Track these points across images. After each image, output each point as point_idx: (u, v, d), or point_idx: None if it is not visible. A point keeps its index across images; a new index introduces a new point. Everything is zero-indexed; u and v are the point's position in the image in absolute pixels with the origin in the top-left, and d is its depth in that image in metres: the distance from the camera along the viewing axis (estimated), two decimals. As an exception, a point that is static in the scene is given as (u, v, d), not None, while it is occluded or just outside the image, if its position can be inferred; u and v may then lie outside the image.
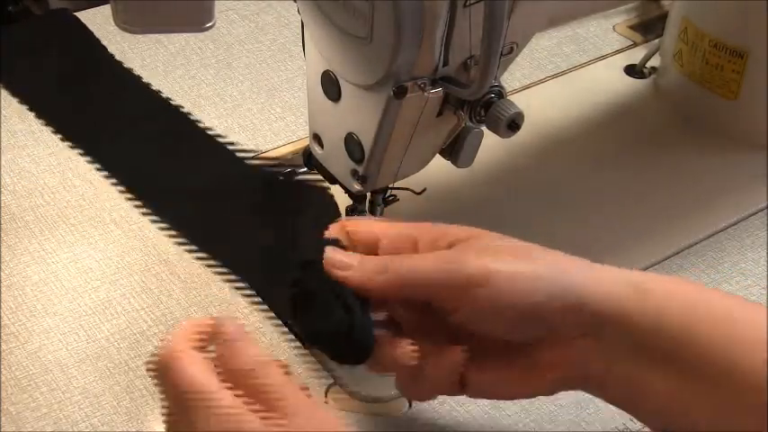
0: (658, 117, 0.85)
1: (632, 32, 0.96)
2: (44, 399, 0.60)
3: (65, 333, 0.64)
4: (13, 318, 0.65)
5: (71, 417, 0.59)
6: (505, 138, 0.59)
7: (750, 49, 0.77)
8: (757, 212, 0.76)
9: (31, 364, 0.62)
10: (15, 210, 0.73)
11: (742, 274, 0.71)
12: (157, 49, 0.90)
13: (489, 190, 0.76)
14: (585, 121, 0.84)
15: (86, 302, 0.66)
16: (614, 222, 0.74)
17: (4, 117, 0.81)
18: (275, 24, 0.94)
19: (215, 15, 0.56)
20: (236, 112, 0.83)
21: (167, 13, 0.55)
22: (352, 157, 0.62)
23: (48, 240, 0.71)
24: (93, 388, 0.61)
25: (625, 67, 0.91)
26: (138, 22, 0.55)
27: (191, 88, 0.86)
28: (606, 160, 0.80)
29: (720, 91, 0.80)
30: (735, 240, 0.74)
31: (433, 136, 0.62)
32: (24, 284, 0.67)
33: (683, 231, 0.74)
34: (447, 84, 0.57)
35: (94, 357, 0.63)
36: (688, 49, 0.81)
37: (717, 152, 0.81)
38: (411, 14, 0.53)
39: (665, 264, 0.72)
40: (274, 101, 0.85)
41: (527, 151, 0.80)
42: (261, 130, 0.82)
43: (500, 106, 0.58)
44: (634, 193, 0.77)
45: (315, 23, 0.60)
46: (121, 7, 0.54)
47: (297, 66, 0.88)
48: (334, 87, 0.62)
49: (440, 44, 0.56)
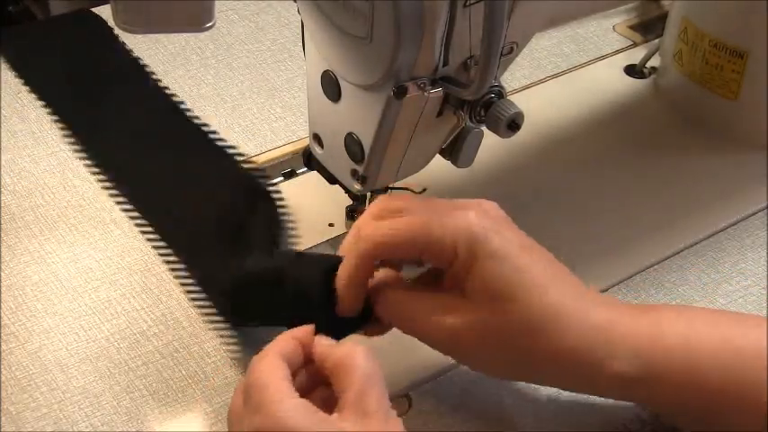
0: (658, 117, 0.85)
1: (632, 32, 0.96)
2: (44, 399, 0.60)
3: (65, 333, 0.64)
4: (13, 318, 0.65)
5: (71, 417, 0.59)
6: (505, 138, 0.59)
7: (750, 49, 0.77)
8: (757, 212, 0.76)
9: (31, 364, 0.62)
10: (15, 210, 0.73)
11: (742, 274, 0.71)
12: (157, 49, 0.90)
13: (489, 190, 0.76)
14: (585, 121, 0.84)
15: (86, 302, 0.66)
16: (614, 222, 0.74)
17: (4, 117, 0.81)
18: (275, 24, 0.94)
19: (215, 15, 0.56)
20: (236, 112, 0.83)
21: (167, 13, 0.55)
22: (352, 157, 0.62)
23: (48, 240, 0.71)
24: (93, 388, 0.61)
25: (625, 67, 0.91)
26: (138, 22, 0.55)
27: (191, 88, 0.86)
28: (606, 160, 0.80)
29: (720, 91, 0.80)
30: (735, 240, 0.74)
31: (433, 136, 0.62)
32: (24, 284, 0.67)
33: (683, 231, 0.74)
34: (447, 84, 0.57)
35: (94, 357, 0.63)
36: (688, 49, 0.81)
37: (717, 152, 0.81)
38: (411, 14, 0.53)
39: (665, 264, 0.72)
40: (274, 101, 0.85)
41: (527, 151, 0.80)
42: (261, 130, 0.82)
43: (500, 106, 0.58)
44: (634, 193, 0.77)
45: (315, 23, 0.60)
46: (121, 7, 0.54)
47: (297, 66, 0.88)
48: (334, 87, 0.62)
49: (440, 44, 0.56)
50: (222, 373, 0.62)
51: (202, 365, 0.62)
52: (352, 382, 0.50)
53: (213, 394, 0.61)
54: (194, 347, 0.63)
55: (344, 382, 0.50)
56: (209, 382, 0.61)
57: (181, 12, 0.55)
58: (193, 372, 0.62)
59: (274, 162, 0.78)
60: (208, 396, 0.61)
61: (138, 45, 0.89)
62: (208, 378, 0.62)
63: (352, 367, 0.51)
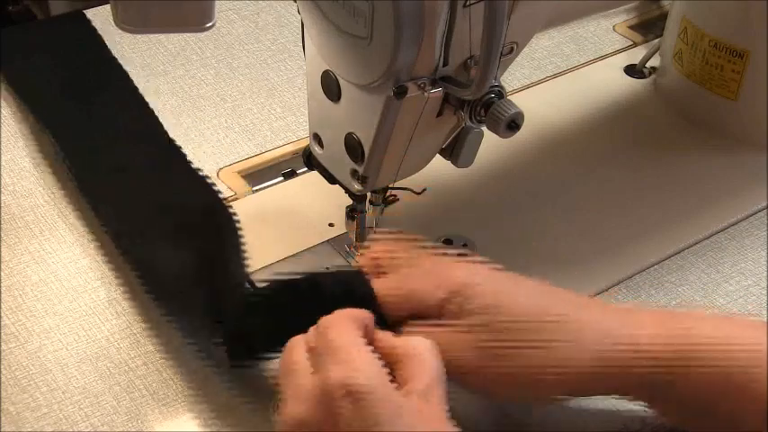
0: (658, 117, 0.85)
1: (632, 32, 0.96)
2: (44, 399, 0.60)
3: (65, 333, 0.64)
4: (13, 318, 0.65)
5: (71, 417, 0.59)
6: (505, 138, 0.59)
7: (750, 49, 0.77)
8: (757, 212, 0.76)
9: (31, 364, 0.62)
10: (15, 210, 0.73)
11: (742, 274, 0.71)
12: (157, 49, 0.90)
13: (489, 190, 0.76)
14: (585, 121, 0.84)
15: (86, 302, 0.66)
16: (614, 222, 0.74)
17: (4, 117, 0.81)
18: (275, 24, 0.94)
19: (215, 15, 0.56)
20: (236, 112, 0.83)
21: (167, 13, 0.55)
22: (352, 157, 0.62)
23: (48, 240, 0.70)
24: (93, 388, 0.61)
25: (625, 67, 0.91)
26: (138, 22, 0.55)
27: (191, 88, 0.86)
28: (606, 160, 0.80)
29: (720, 91, 0.80)
30: (735, 240, 0.74)
31: (433, 136, 0.62)
32: (24, 284, 0.67)
33: (683, 231, 0.74)
34: (447, 84, 0.57)
35: (94, 357, 0.63)
36: (688, 49, 0.81)
37: (717, 152, 0.81)
38: (411, 14, 0.53)
39: (666, 264, 0.72)
40: (274, 101, 0.85)
41: (527, 151, 0.80)
42: (261, 130, 0.82)
43: (500, 106, 0.58)
44: (634, 193, 0.77)
45: (315, 23, 0.60)
46: (121, 7, 0.54)
47: (297, 66, 0.88)
48: (334, 87, 0.62)
49: (440, 44, 0.56)
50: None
51: (202, 365, 0.62)
52: (422, 373, 0.51)
53: (213, 394, 0.61)
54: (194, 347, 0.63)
55: (414, 371, 0.51)
56: (210, 382, 0.61)
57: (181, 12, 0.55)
58: (193, 372, 0.62)
59: (274, 162, 0.78)
60: (208, 396, 0.61)
61: (138, 45, 0.89)
62: (208, 378, 0.62)
63: (427, 360, 0.52)
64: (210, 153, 0.79)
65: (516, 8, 0.57)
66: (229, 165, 0.78)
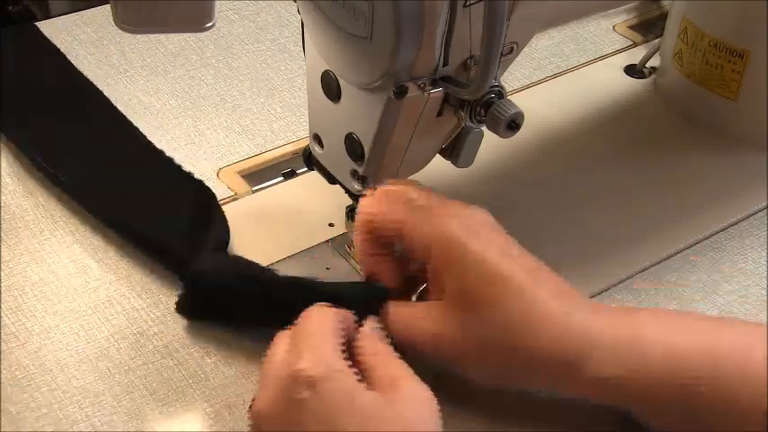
0: (658, 117, 0.85)
1: (632, 32, 0.96)
2: (44, 399, 0.60)
3: (65, 333, 0.64)
4: (13, 318, 0.65)
5: (71, 417, 0.59)
6: (505, 138, 0.59)
7: (750, 49, 0.77)
8: (757, 212, 0.76)
9: (31, 364, 0.62)
10: (15, 210, 0.73)
11: (742, 273, 0.71)
12: (157, 49, 0.90)
13: (489, 190, 0.76)
14: (585, 121, 0.84)
15: (86, 302, 0.66)
16: (614, 222, 0.74)
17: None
18: (275, 24, 0.94)
19: (215, 15, 0.56)
20: (236, 112, 0.83)
21: (167, 13, 0.55)
22: (352, 157, 0.62)
23: (48, 240, 0.71)
24: (93, 388, 0.61)
25: (625, 67, 0.91)
26: (138, 22, 0.55)
27: (191, 88, 0.86)
28: (606, 160, 0.80)
29: (720, 91, 0.80)
30: (735, 240, 0.74)
31: (433, 136, 0.62)
32: (24, 284, 0.67)
33: (683, 231, 0.74)
34: (447, 84, 0.57)
35: (94, 357, 0.63)
36: (688, 49, 0.81)
37: (717, 152, 0.81)
38: (411, 14, 0.53)
39: (666, 264, 0.72)
40: (274, 101, 0.85)
41: (527, 151, 0.80)
42: (261, 130, 0.82)
43: (500, 106, 0.58)
44: (634, 193, 0.77)
45: (315, 23, 0.60)
46: (121, 7, 0.54)
47: (297, 66, 0.88)
48: (334, 87, 0.62)
49: (440, 44, 0.56)
50: (222, 372, 0.62)
51: (202, 365, 0.62)
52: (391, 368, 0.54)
53: (213, 394, 0.61)
54: (194, 347, 0.63)
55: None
56: (209, 382, 0.61)
57: (181, 12, 0.55)
58: (193, 372, 0.62)
59: (274, 162, 0.78)
60: (208, 396, 0.61)
61: (138, 45, 0.89)
62: (208, 378, 0.62)
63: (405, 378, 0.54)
64: (210, 153, 0.79)
65: (516, 8, 0.57)
66: (229, 165, 0.78)
